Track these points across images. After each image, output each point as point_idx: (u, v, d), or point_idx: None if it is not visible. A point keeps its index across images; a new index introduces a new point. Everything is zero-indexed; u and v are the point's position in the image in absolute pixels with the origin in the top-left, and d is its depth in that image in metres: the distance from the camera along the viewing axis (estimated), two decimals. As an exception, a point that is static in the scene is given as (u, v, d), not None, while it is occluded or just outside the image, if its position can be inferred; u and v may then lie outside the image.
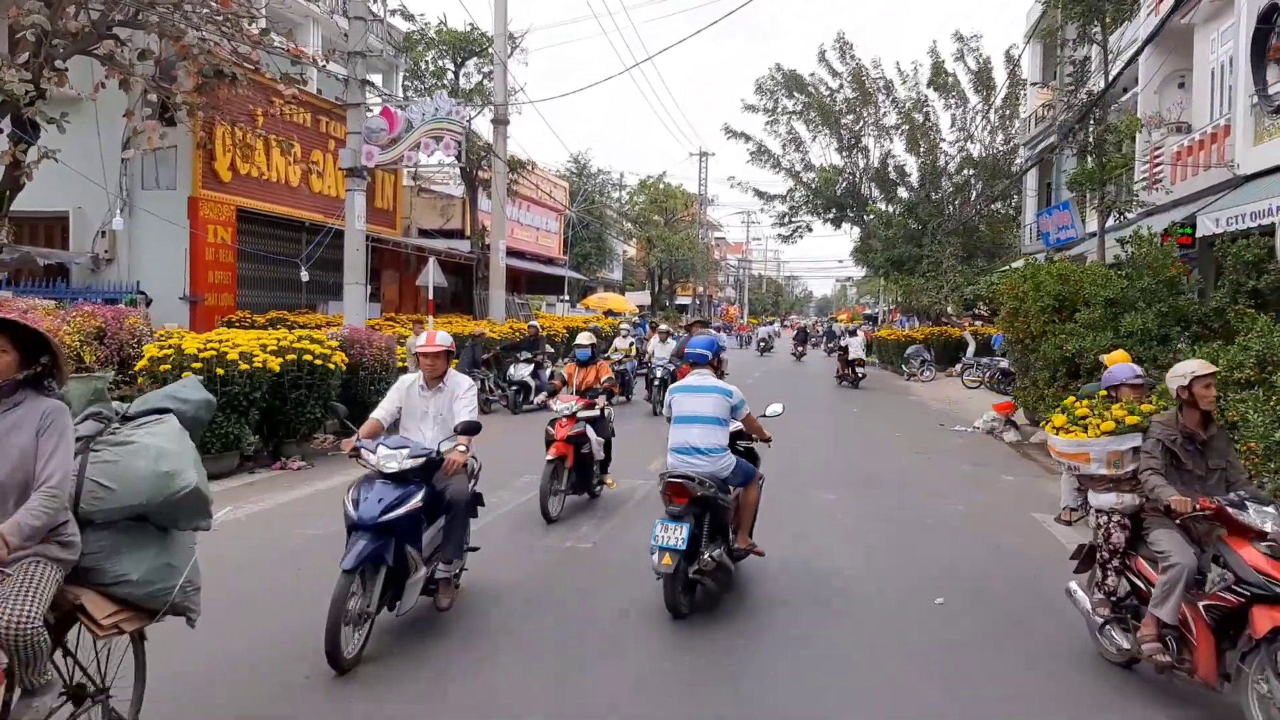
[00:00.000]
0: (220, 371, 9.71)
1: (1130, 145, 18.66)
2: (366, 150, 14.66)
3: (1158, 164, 18.35)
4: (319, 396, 11.01)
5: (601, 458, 8.94)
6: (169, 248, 18.83)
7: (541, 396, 13.33)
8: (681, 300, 64.29)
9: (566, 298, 43.79)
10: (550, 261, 36.79)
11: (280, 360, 10.49)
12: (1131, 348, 11.28)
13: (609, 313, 38.52)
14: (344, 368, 11.48)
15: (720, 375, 6.38)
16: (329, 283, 21.25)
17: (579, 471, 8.55)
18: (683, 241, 54.99)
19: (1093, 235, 21.71)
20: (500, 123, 23.84)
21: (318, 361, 10.89)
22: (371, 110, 14.97)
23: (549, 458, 8.22)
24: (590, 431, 8.61)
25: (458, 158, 25.21)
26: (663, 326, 20.61)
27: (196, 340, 9.99)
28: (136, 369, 9.97)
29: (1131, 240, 12.03)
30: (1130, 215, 16.31)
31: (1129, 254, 12.02)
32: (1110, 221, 17.45)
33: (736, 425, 6.23)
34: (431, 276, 17.65)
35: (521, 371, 16.72)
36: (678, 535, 5.54)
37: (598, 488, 9.04)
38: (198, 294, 19.14)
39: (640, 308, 46.66)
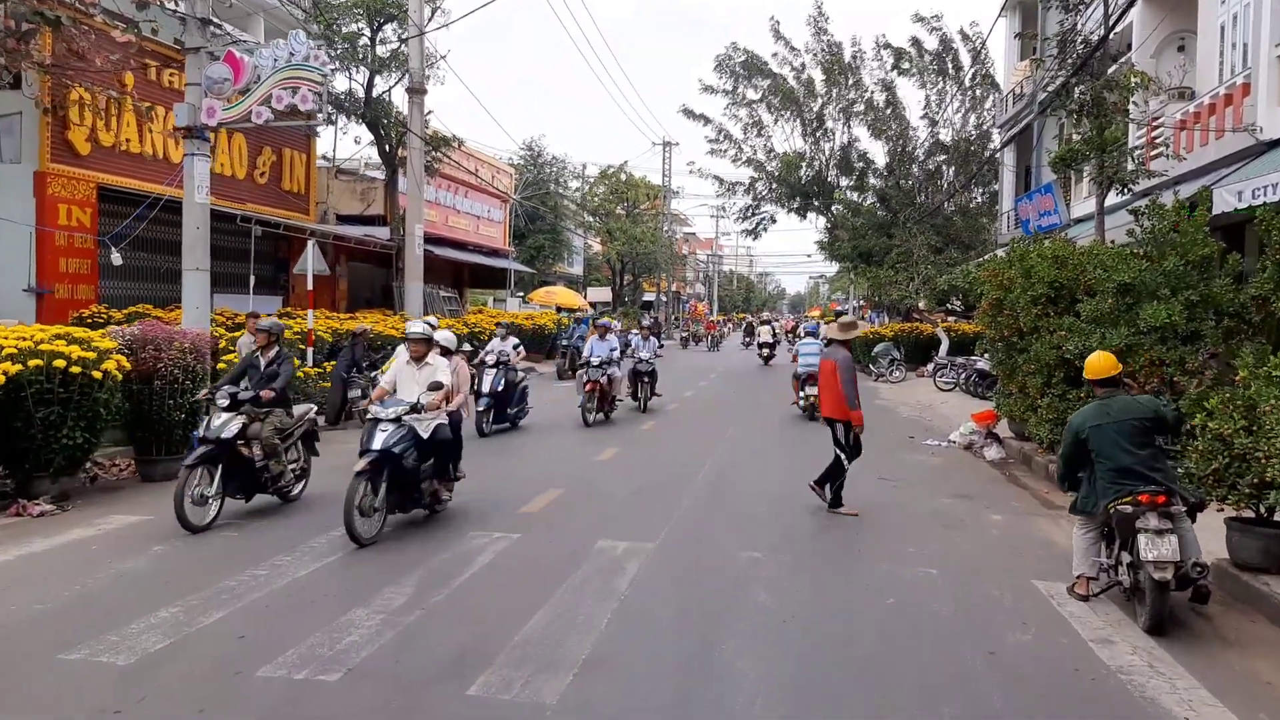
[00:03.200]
0: (-97, 385, 6.92)
1: (1126, 116, 16.23)
2: (208, 105, 11.83)
3: (1156, 132, 15.97)
4: (81, 415, 8.21)
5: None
6: (12, 231, 16.11)
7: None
8: (647, 296, 61.51)
9: (520, 293, 41.01)
10: (494, 253, 33.93)
11: (18, 367, 7.70)
12: (1150, 347, 8.84)
13: (559, 308, 35.83)
14: (120, 377, 8.64)
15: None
16: (222, 273, 18.49)
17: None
18: (645, 234, 52.28)
19: (1078, 221, 19.40)
20: (416, 92, 21.06)
21: (75, 369, 8.08)
22: (217, 57, 12.15)
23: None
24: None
25: (334, 116, 22.59)
26: (433, 332, 8.95)
27: None
28: None
29: (1148, 212, 9.49)
30: (1135, 188, 13.83)
31: (1149, 228, 9.48)
32: (1108, 201, 14.97)
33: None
34: (311, 263, 14.88)
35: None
36: (814, 391, 13.93)
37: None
38: (46, 285, 16.37)
39: (594, 304, 43.99)
